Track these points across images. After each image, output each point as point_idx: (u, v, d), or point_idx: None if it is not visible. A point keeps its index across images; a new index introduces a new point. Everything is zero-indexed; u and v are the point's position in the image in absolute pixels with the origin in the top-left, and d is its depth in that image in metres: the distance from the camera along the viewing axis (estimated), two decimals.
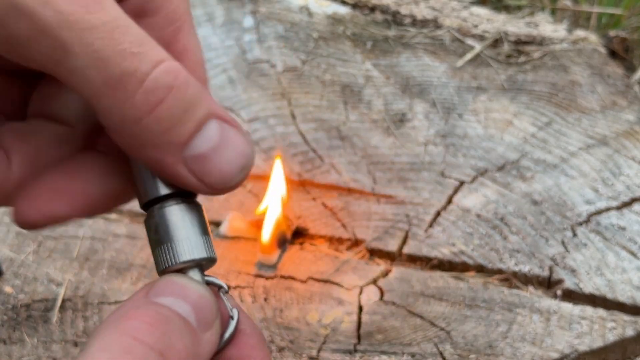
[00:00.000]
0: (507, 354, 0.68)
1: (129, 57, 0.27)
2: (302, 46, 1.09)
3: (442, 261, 0.78)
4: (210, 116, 0.29)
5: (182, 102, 0.28)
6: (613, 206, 0.85)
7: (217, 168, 0.29)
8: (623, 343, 0.71)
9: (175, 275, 0.31)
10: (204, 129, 0.29)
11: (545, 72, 1.06)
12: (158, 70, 0.28)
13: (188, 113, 0.28)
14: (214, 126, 0.29)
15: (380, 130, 0.95)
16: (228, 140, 0.29)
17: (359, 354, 0.68)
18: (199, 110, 0.29)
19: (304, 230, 0.81)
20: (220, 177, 0.29)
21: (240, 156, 0.30)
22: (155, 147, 0.28)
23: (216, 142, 0.29)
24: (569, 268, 0.77)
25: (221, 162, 0.29)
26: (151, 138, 0.28)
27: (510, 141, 0.94)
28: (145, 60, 0.27)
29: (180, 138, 0.28)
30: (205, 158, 0.29)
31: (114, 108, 0.28)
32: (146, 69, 0.27)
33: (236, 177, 0.30)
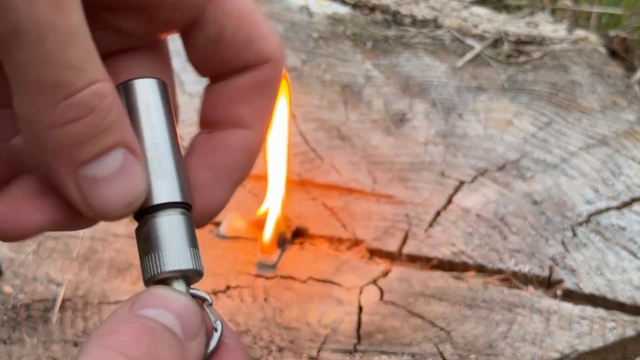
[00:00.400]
0: (507, 354, 0.68)
1: (70, 69, 0.27)
2: (302, 46, 1.08)
3: (442, 261, 0.78)
4: (118, 145, 0.29)
5: (95, 126, 0.28)
6: (613, 206, 0.85)
7: (103, 195, 0.29)
8: (623, 343, 0.71)
9: (158, 287, 0.31)
10: (106, 156, 0.29)
11: (546, 72, 1.06)
12: (88, 90, 0.28)
13: (97, 137, 0.29)
14: (118, 155, 0.29)
15: (380, 130, 0.95)
16: (125, 174, 0.30)
17: (359, 354, 0.68)
18: (110, 137, 0.29)
19: (304, 230, 0.81)
20: (104, 204, 0.29)
21: (131, 193, 0.30)
22: (54, 155, 0.29)
23: (113, 171, 0.29)
24: (569, 268, 0.77)
25: (110, 191, 0.29)
26: (54, 147, 0.28)
27: (511, 141, 0.94)
28: (82, 77, 0.28)
29: (80, 157, 0.29)
30: (96, 182, 0.29)
31: (33, 109, 0.28)
32: (80, 85, 0.28)
33: (118, 210, 0.30)
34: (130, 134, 0.30)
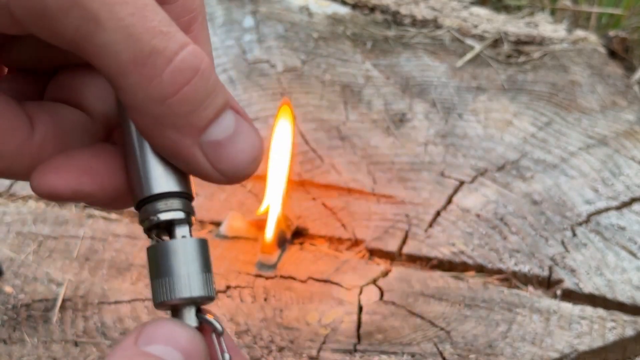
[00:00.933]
0: (507, 353, 0.68)
1: (159, 35, 0.27)
2: (302, 46, 1.09)
3: (442, 261, 0.78)
4: (227, 106, 0.30)
5: (205, 86, 0.28)
6: (613, 206, 0.85)
7: (231, 156, 0.30)
8: (623, 343, 0.71)
9: (166, 320, 0.31)
10: (221, 117, 0.29)
11: (545, 72, 1.06)
12: (186, 51, 0.28)
13: (210, 98, 0.29)
14: (231, 116, 0.30)
15: (380, 130, 0.95)
16: (242, 132, 0.30)
17: (359, 353, 0.68)
18: (219, 97, 0.29)
19: (304, 230, 0.81)
20: (234, 165, 0.30)
21: (253, 148, 0.30)
22: (175, 128, 0.28)
23: (232, 131, 0.30)
24: (568, 268, 0.77)
25: (235, 151, 0.30)
26: (173, 119, 0.28)
27: (510, 141, 0.94)
28: (174, 39, 0.28)
29: (200, 122, 0.29)
30: (220, 145, 0.29)
31: (140, 86, 0.27)
32: (175, 48, 0.27)
33: (248, 167, 0.30)
34: (230, 95, 0.30)
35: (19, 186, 0.83)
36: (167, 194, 0.32)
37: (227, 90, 0.30)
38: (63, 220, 0.80)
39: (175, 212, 0.32)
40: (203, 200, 0.83)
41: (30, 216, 0.81)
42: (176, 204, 0.32)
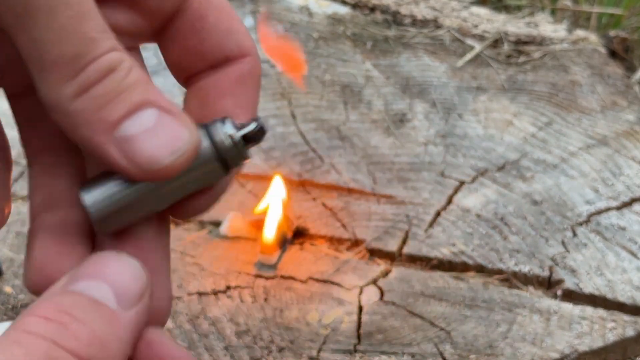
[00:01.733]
0: (507, 354, 0.68)
1: (88, 40, 0.28)
2: (302, 46, 1.09)
3: (442, 261, 0.78)
4: (148, 104, 0.29)
5: (119, 84, 0.29)
6: (613, 206, 0.85)
7: (147, 150, 0.29)
8: (623, 343, 0.71)
9: (101, 253, 0.30)
10: (138, 114, 0.29)
11: (545, 72, 1.06)
12: (107, 56, 0.29)
13: (123, 95, 0.29)
14: (151, 112, 0.29)
15: (380, 130, 0.95)
16: (163, 126, 0.30)
17: (359, 354, 0.68)
18: (136, 94, 0.29)
19: (304, 230, 0.81)
20: (150, 158, 0.29)
21: (173, 139, 0.30)
22: (87, 125, 0.29)
23: (148, 126, 0.29)
24: (569, 268, 0.77)
25: (153, 145, 0.29)
26: (84, 116, 0.29)
27: (510, 141, 0.94)
28: (99, 46, 0.28)
29: (111, 117, 0.29)
30: (136, 139, 0.29)
31: (55, 85, 0.28)
32: (97, 53, 0.28)
33: (165, 158, 0.29)
34: (161, 97, 0.30)
35: (18, 186, 0.83)
36: None
37: (156, 91, 0.30)
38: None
39: None
40: None
41: None
42: None
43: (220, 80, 0.34)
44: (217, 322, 0.70)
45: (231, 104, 0.34)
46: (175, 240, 0.78)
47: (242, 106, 0.34)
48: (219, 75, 0.34)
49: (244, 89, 0.34)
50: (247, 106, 0.34)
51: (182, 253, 0.77)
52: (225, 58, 0.34)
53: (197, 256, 0.77)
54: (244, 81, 0.34)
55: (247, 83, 0.34)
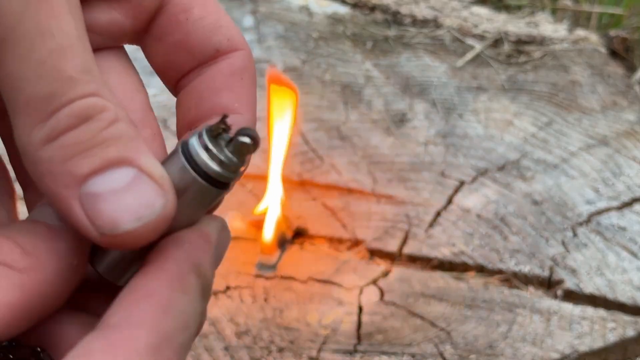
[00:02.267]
0: (508, 354, 0.68)
1: (66, 80, 0.25)
2: (302, 46, 1.08)
3: (443, 261, 0.78)
4: (124, 162, 0.26)
5: (94, 135, 0.26)
6: (613, 206, 0.85)
7: (111, 212, 0.26)
8: (623, 343, 0.70)
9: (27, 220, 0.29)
10: (110, 171, 0.26)
11: (546, 72, 1.06)
12: (84, 101, 0.26)
13: (97, 149, 0.26)
14: (125, 172, 0.26)
15: (380, 130, 0.94)
16: (134, 189, 0.26)
17: (359, 354, 0.68)
18: (112, 150, 0.26)
19: (304, 230, 0.80)
20: (112, 222, 0.26)
21: (142, 205, 0.26)
22: (52, 176, 0.26)
23: (118, 186, 0.26)
24: (569, 268, 0.77)
25: (118, 208, 0.26)
26: (50, 166, 0.26)
27: (511, 141, 0.94)
28: (77, 88, 0.26)
29: (79, 170, 0.26)
30: (100, 197, 0.26)
31: (26, 127, 0.26)
32: (74, 96, 0.26)
33: (128, 224, 0.26)
34: (144, 155, 0.27)
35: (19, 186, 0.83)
36: None
37: (141, 151, 0.27)
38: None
39: None
40: None
41: None
42: None
43: (213, 77, 0.31)
44: (217, 322, 0.70)
45: (228, 98, 0.32)
46: None
47: (240, 100, 0.32)
48: (211, 72, 0.32)
49: (240, 83, 0.32)
50: (245, 100, 0.32)
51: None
52: (215, 52, 0.31)
53: None
54: (239, 75, 0.32)
55: (244, 77, 0.32)
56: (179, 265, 0.28)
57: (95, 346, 0.24)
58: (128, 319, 0.25)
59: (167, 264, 0.28)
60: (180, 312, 0.27)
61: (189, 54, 0.31)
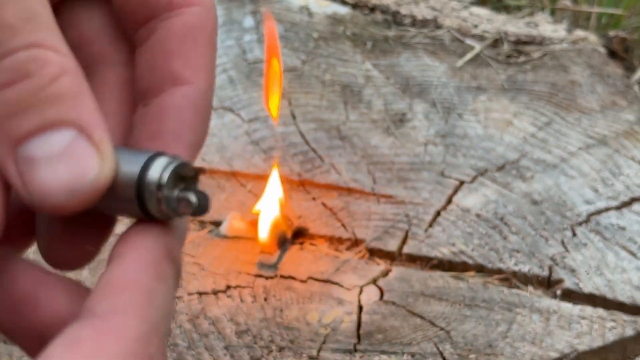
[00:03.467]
0: (507, 353, 0.68)
1: (5, 28, 0.24)
2: (302, 46, 1.09)
3: (442, 261, 0.78)
4: (66, 123, 0.25)
5: (35, 94, 0.24)
6: (613, 206, 0.85)
7: (41, 178, 0.25)
8: (623, 343, 0.71)
9: None
10: (49, 134, 0.25)
11: (545, 72, 1.06)
12: (25, 53, 0.24)
13: (35, 109, 0.25)
14: (65, 135, 0.25)
15: (380, 130, 0.95)
16: (71, 155, 0.25)
17: (359, 353, 0.68)
18: (53, 111, 0.25)
19: (304, 230, 0.81)
20: (41, 189, 0.25)
21: (74, 176, 0.25)
22: None
23: (56, 152, 0.25)
24: (568, 268, 0.77)
25: (48, 174, 0.25)
26: None
27: (510, 141, 0.94)
28: (17, 37, 0.24)
29: (16, 131, 0.25)
30: (34, 163, 0.25)
31: None
32: (13, 46, 0.24)
33: (58, 197, 0.25)
34: (90, 115, 0.26)
35: None
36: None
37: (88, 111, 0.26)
38: None
39: None
40: None
41: None
42: None
43: (165, 37, 0.29)
44: (217, 321, 0.70)
45: (179, 65, 0.29)
46: None
47: (192, 67, 0.29)
48: (164, 30, 0.29)
49: (193, 46, 0.29)
50: (198, 68, 0.29)
51: (182, 253, 0.77)
52: (167, 3, 0.29)
53: (197, 256, 0.77)
54: (192, 36, 0.29)
55: (197, 39, 0.29)
56: (154, 253, 0.27)
57: (84, 335, 0.24)
58: (115, 307, 0.25)
59: (142, 252, 0.27)
60: (163, 300, 0.26)
61: (141, 6, 0.29)
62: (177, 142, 0.29)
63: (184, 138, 0.29)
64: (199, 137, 0.30)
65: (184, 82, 0.29)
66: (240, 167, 0.87)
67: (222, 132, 0.93)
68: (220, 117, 0.95)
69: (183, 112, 0.29)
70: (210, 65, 0.30)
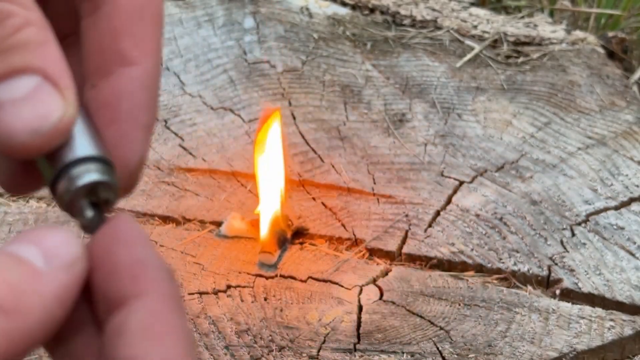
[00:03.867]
0: (506, 353, 0.68)
1: None
2: (302, 47, 1.09)
3: (442, 261, 0.78)
4: (30, 70, 0.27)
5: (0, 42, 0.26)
6: (611, 206, 0.85)
7: (6, 120, 0.26)
8: (621, 342, 0.71)
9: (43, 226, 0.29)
10: (14, 79, 0.26)
11: (544, 72, 1.06)
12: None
13: (1, 56, 0.26)
14: (30, 81, 0.27)
15: (380, 131, 0.95)
16: (34, 99, 0.27)
17: (359, 353, 0.68)
18: (17, 58, 0.26)
19: (304, 230, 0.81)
20: (4, 130, 0.26)
21: (38, 117, 0.26)
22: None
23: (20, 96, 0.26)
24: (567, 267, 0.77)
25: (14, 116, 0.26)
26: None
27: (510, 141, 0.94)
28: None
29: None
30: (0, 106, 0.26)
31: None
32: None
33: (22, 137, 0.26)
34: (53, 63, 0.27)
35: None
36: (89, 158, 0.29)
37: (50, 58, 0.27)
38: (64, 220, 0.80)
39: None
40: (203, 200, 0.83)
41: (31, 216, 0.81)
42: None
43: (112, 13, 0.29)
44: (217, 321, 0.70)
45: (127, 44, 0.29)
46: (176, 240, 0.79)
47: (140, 46, 0.29)
48: (110, 4, 0.29)
49: (141, 24, 0.29)
50: (145, 47, 0.30)
51: (182, 253, 0.77)
52: None
53: (197, 256, 0.77)
54: (139, 13, 0.29)
55: (144, 16, 0.30)
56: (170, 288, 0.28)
57: None
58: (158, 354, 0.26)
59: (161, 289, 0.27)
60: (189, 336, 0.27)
61: None
62: (134, 127, 0.29)
63: (139, 121, 0.30)
64: (152, 117, 0.30)
65: (132, 62, 0.29)
66: (240, 167, 0.87)
67: (223, 133, 0.93)
68: (221, 118, 0.95)
69: (135, 95, 0.29)
70: (157, 43, 0.30)
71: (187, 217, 0.81)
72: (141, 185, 0.85)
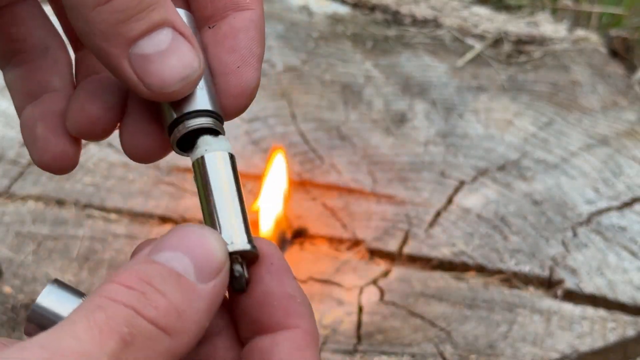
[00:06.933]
0: (508, 354, 0.68)
1: None
2: (302, 46, 1.08)
3: (443, 261, 0.78)
4: (165, 24, 0.30)
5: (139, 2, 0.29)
6: (614, 206, 0.85)
7: (159, 71, 0.30)
8: (624, 343, 0.70)
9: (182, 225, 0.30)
10: (155, 33, 0.30)
11: (546, 71, 1.06)
12: None
13: (144, 13, 0.30)
14: (167, 34, 0.30)
15: (380, 130, 0.94)
16: (177, 50, 0.30)
17: (359, 354, 0.68)
18: (155, 14, 0.30)
19: (304, 230, 0.80)
20: (161, 80, 0.30)
21: (184, 66, 0.30)
22: (104, 37, 0.29)
23: (164, 48, 0.30)
24: (569, 268, 0.77)
25: (165, 67, 0.30)
26: (102, 27, 0.29)
27: (511, 141, 0.94)
28: None
29: (130, 33, 0.30)
30: (149, 59, 0.30)
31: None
32: None
33: (175, 84, 0.30)
34: (177, 16, 0.31)
35: (17, 186, 0.83)
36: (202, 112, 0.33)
37: (175, 11, 0.31)
38: (62, 221, 0.80)
39: None
40: None
41: (29, 216, 0.80)
42: None
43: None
44: None
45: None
46: None
47: None
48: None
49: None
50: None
51: None
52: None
53: None
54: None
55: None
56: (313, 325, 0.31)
57: None
58: None
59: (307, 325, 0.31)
60: None
61: None
62: (251, 55, 0.34)
63: (254, 51, 0.34)
64: (263, 50, 0.35)
65: (245, 7, 0.34)
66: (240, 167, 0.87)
67: None
68: None
69: (250, 31, 0.34)
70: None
71: (186, 217, 0.81)
72: (140, 185, 0.84)
